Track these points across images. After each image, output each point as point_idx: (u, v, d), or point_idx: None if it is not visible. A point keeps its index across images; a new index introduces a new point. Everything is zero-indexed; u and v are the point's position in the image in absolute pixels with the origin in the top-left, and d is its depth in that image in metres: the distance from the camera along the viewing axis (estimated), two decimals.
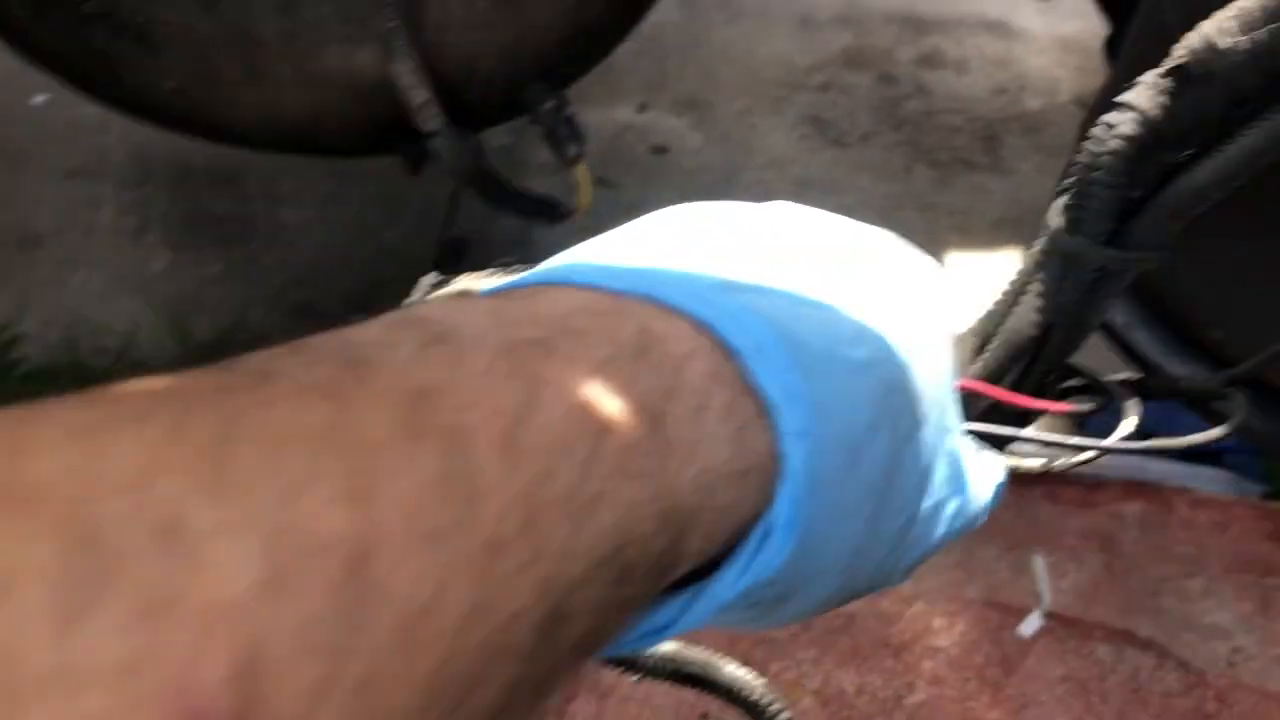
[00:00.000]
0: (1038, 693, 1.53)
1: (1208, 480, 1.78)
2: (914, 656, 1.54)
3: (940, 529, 0.43)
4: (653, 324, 0.32)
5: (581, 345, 0.29)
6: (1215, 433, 0.52)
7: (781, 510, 0.32)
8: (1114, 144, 0.48)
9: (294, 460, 0.21)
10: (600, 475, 0.26)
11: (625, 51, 2.13)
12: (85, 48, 1.19)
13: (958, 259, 2.10)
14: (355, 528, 0.21)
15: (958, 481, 0.43)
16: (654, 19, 2.25)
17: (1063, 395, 0.57)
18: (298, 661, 0.19)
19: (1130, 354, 1.02)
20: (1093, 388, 0.55)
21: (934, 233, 2.08)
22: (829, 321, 0.36)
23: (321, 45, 1.16)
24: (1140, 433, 1.34)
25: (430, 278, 0.53)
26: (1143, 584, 1.62)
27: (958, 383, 0.50)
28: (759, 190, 2.10)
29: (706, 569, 0.33)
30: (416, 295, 0.53)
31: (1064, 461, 0.50)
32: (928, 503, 0.40)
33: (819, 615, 0.39)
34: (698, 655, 0.70)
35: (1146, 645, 1.57)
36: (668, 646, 0.70)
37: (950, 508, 0.43)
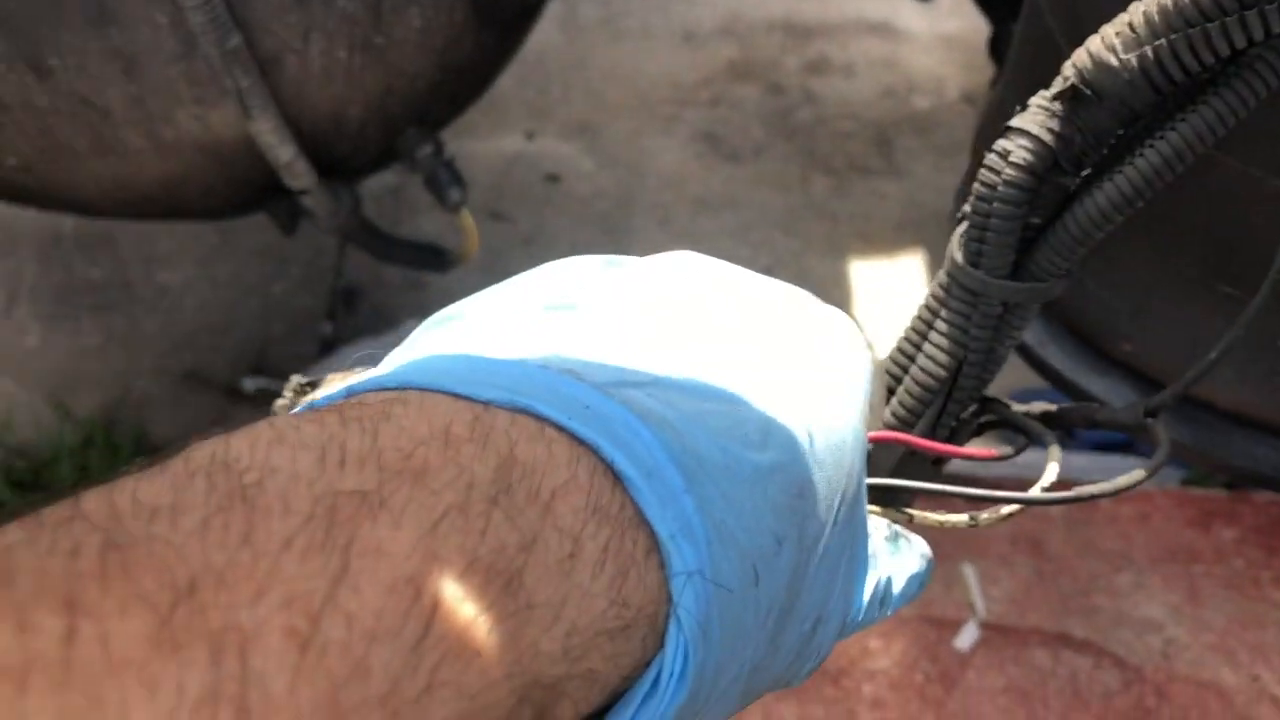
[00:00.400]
0: (980, 705, 1.50)
1: (1126, 470, 1.77)
2: (853, 681, 1.50)
3: (846, 627, 0.39)
4: (521, 450, 0.28)
5: (420, 493, 0.25)
6: (1138, 474, 0.50)
7: (670, 661, 0.30)
8: (1009, 173, 0.46)
9: None
10: (431, 664, 0.23)
11: (508, 78, 2.08)
12: None
13: (861, 266, 2.08)
14: None
15: (863, 573, 0.40)
16: (534, 43, 2.20)
17: (980, 430, 0.55)
18: None
19: (1044, 370, 0.99)
20: (1010, 425, 0.54)
21: (835, 241, 2.06)
22: (732, 418, 0.33)
23: (172, 109, 1.09)
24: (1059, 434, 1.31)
25: (297, 378, 0.48)
26: (1074, 584, 1.61)
27: (872, 434, 0.47)
28: (657, 212, 2.06)
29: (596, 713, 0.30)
30: (282, 401, 0.47)
31: (990, 515, 0.48)
32: (834, 604, 0.37)
33: None
34: None
35: (1083, 646, 1.55)
36: None
37: (863, 599, 0.40)
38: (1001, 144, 0.46)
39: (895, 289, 2.04)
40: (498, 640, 0.25)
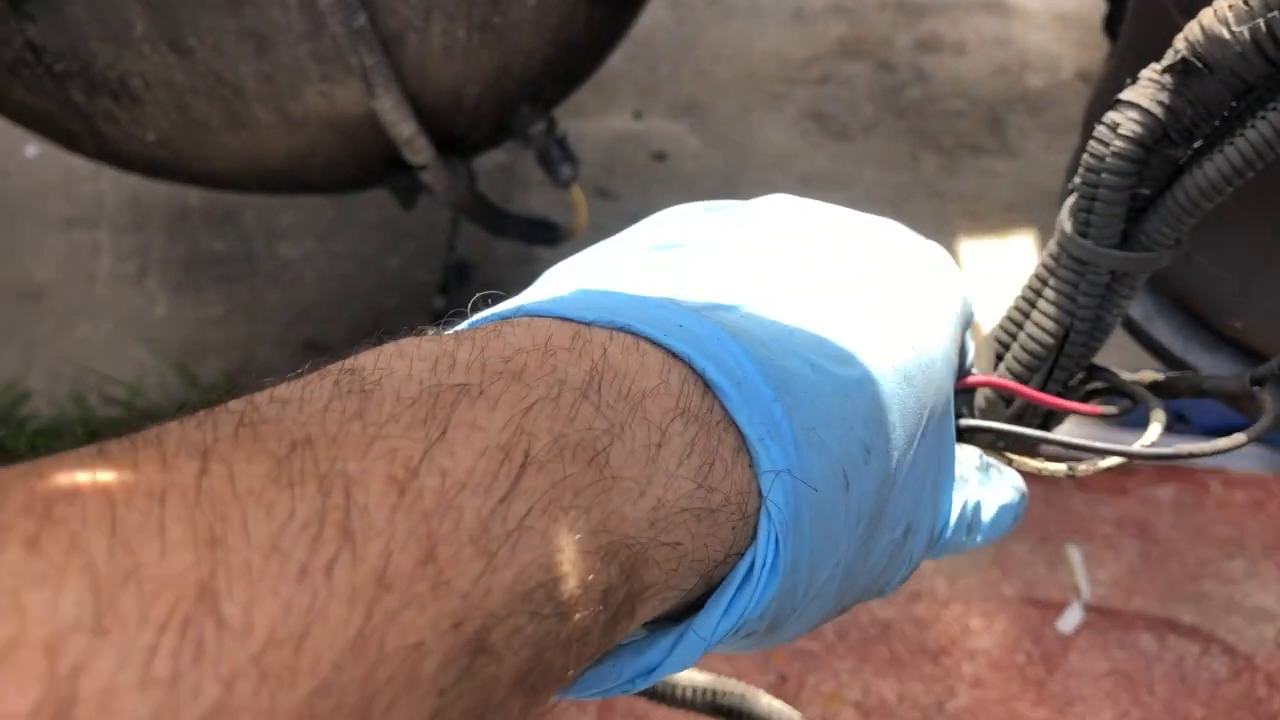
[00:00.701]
0: (1082, 688, 1.49)
1: (1241, 457, 1.74)
2: (954, 660, 1.50)
3: (935, 542, 0.41)
4: (614, 358, 0.31)
5: (515, 387, 0.29)
6: (1239, 438, 0.50)
7: (763, 550, 0.32)
8: (1118, 145, 0.47)
9: (133, 513, 0.22)
10: (519, 514, 0.26)
11: (617, 58, 2.10)
12: (63, 106, 1.17)
13: (970, 246, 2.06)
14: (199, 570, 0.22)
15: (949, 486, 0.41)
16: (644, 22, 2.22)
17: (1088, 398, 0.55)
18: (122, 693, 0.20)
19: (1151, 346, 0.99)
20: (1118, 390, 0.54)
21: (944, 221, 2.04)
22: (822, 336, 0.35)
23: (300, 86, 1.13)
24: (1171, 419, 1.30)
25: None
26: (1182, 569, 1.59)
27: (988, 379, 0.50)
28: (763, 190, 2.06)
29: (697, 603, 0.33)
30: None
31: (1088, 465, 0.48)
32: (922, 513, 0.39)
33: (813, 630, 0.38)
34: (736, 687, 0.68)
35: (1190, 632, 1.53)
36: (704, 677, 0.68)
37: (950, 514, 0.41)
38: (1111, 116, 0.47)
39: (1006, 269, 2.02)
40: (583, 501, 0.27)
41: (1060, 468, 0.48)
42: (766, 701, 0.68)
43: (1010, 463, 0.48)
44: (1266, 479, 1.70)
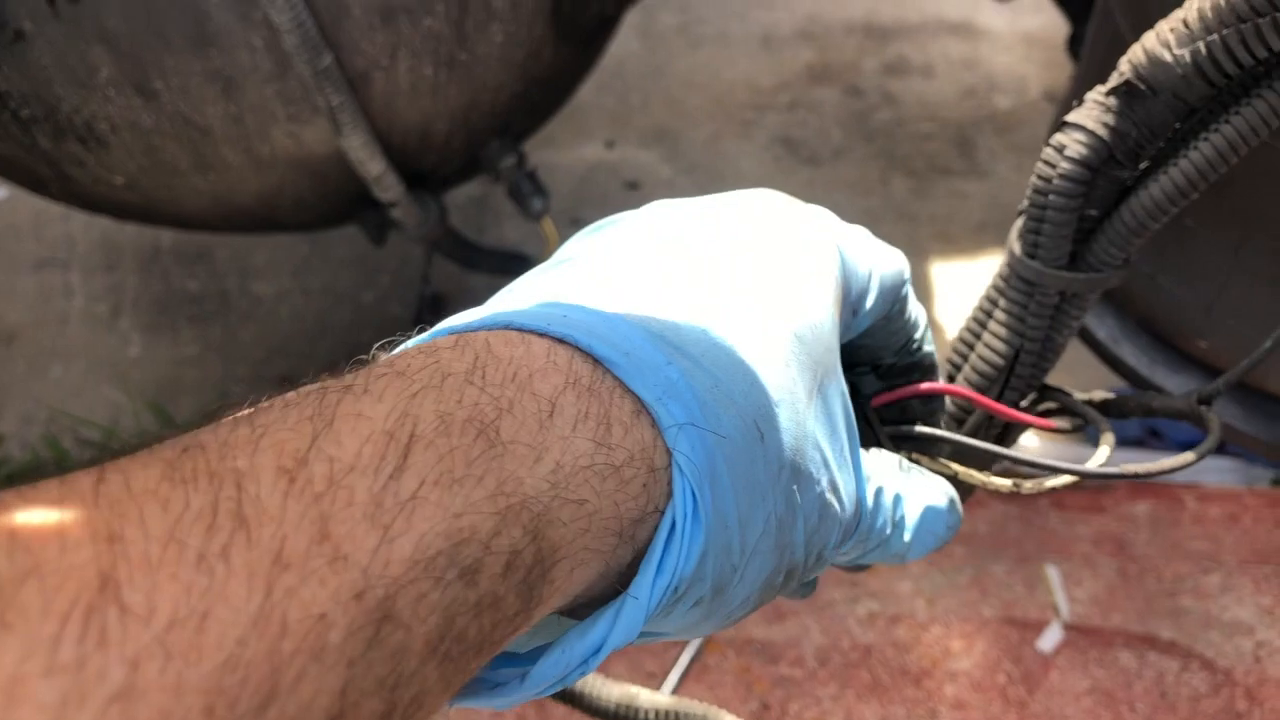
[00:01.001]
0: (1064, 707, 1.50)
1: (1215, 470, 1.75)
2: (935, 683, 1.50)
3: (863, 514, 0.41)
4: (498, 349, 0.32)
5: (398, 381, 0.30)
6: (1188, 457, 0.50)
7: (681, 503, 0.32)
8: (1064, 166, 0.47)
9: (32, 520, 0.23)
10: (411, 488, 0.27)
11: (588, 88, 2.11)
12: (29, 151, 1.17)
13: (943, 267, 2.08)
14: (99, 563, 0.23)
15: (854, 447, 0.41)
16: (614, 53, 2.23)
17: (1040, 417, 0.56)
18: (29, 681, 0.21)
19: (1117, 367, 1.00)
20: (1069, 410, 0.54)
21: (916, 242, 2.06)
22: (706, 310, 0.36)
23: (268, 126, 1.14)
24: (1137, 437, 1.31)
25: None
26: (1159, 585, 1.59)
27: (946, 386, 0.50)
28: None
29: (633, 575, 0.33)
30: None
31: (1034, 484, 0.48)
32: (844, 474, 0.39)
33: (769, 599, 0.38)
34: (698, 708, 0.68)
35: (1170, 648, 1.54)
36: (667, 699, 0.67)
37: (862, 481, 0.42)
38: (1057, 138, 0.47)
39: (978, 290, 2.03)
40: (476, 470, 0.28)
41: (1005, 483, 0.48)
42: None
43: (955, 474, 0.47)
44: (1240, 493, 1.71)
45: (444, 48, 1.16)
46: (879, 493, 0.42)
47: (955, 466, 0.47)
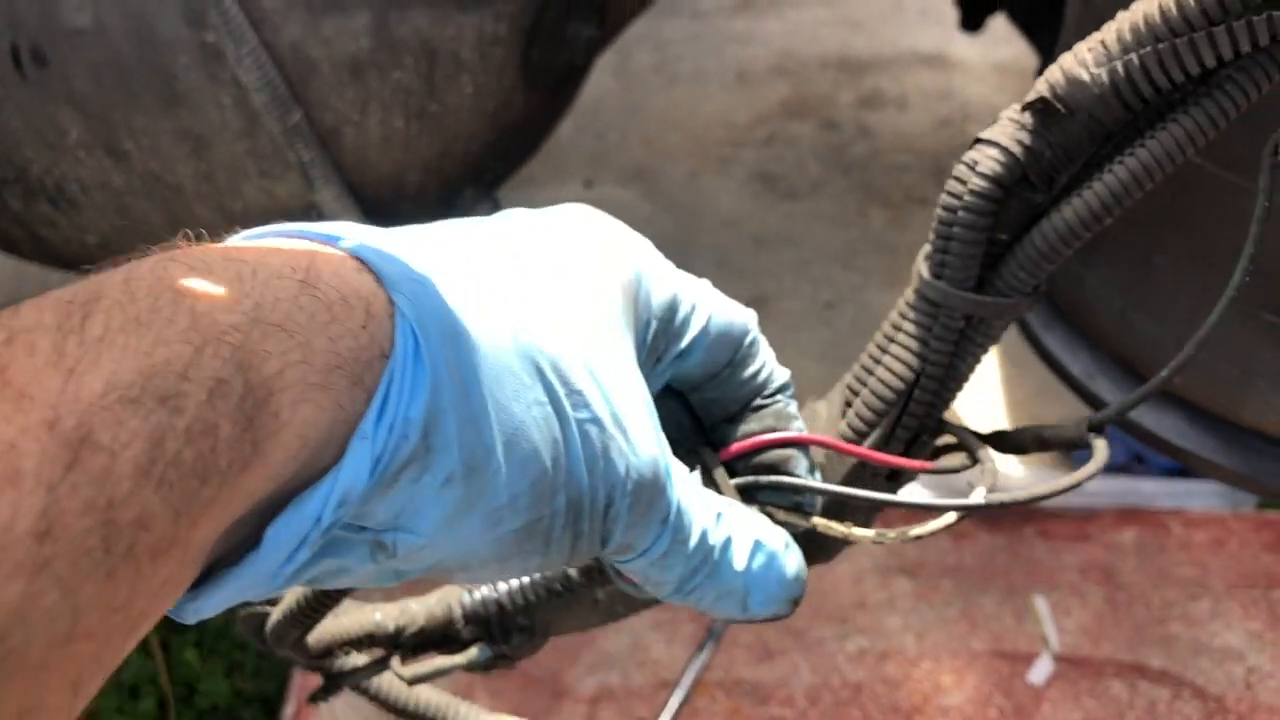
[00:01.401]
0: None
1: (1200, 495, 1.75)
2: (926, 719, 1.50)
3: (673, 509, 0.41)
4: (205, 249, 0.33)
5: (99, 273, 0.31)
6: (1076, 477, 0.49)
7: (401, 345, 0.33)
8: (976, 182, 0.45)
9: None
10: (96, 333, 0.28)
11: (566, 128, 2.12)
12: (1, 212, 1.17)
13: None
14: None
15: (657, 427, 0.41)
16: (591, 92, 2.24)
17: (937, 454, 0.53)
18: None
19: (1092, 402, 1.00)
20: (958, 445, 0.51)
21: (896, 273, 2.07)
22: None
23: (240, 183, 1.14)
24: (1123, 463, 1.30)
25: None
26: (1148, 613, 1.59)
27: (805, 436, 0.47)
28: (716, 253, 2.09)
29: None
30: None
31: (899, 533, 0.46)
32: (626, 405, 0.39)
33: (567, 548, 0.38)
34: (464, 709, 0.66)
35: (1160, 676, 1.53)
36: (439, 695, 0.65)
37: (682, 492, 0.42)
38: (970, 155, 0.46)
39: None
40: (164, 313, 0.29)
41: (868, 533, 0.46)
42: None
43: (814, 526, 0.46)
44: (1226, 518, 1.71)
45: (414, 100, 1.16)
46: (699, 499, 0.42)
47: (816, 520, 0.46)
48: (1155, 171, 0.44)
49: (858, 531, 0.46)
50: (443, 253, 0.37)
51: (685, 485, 0.42)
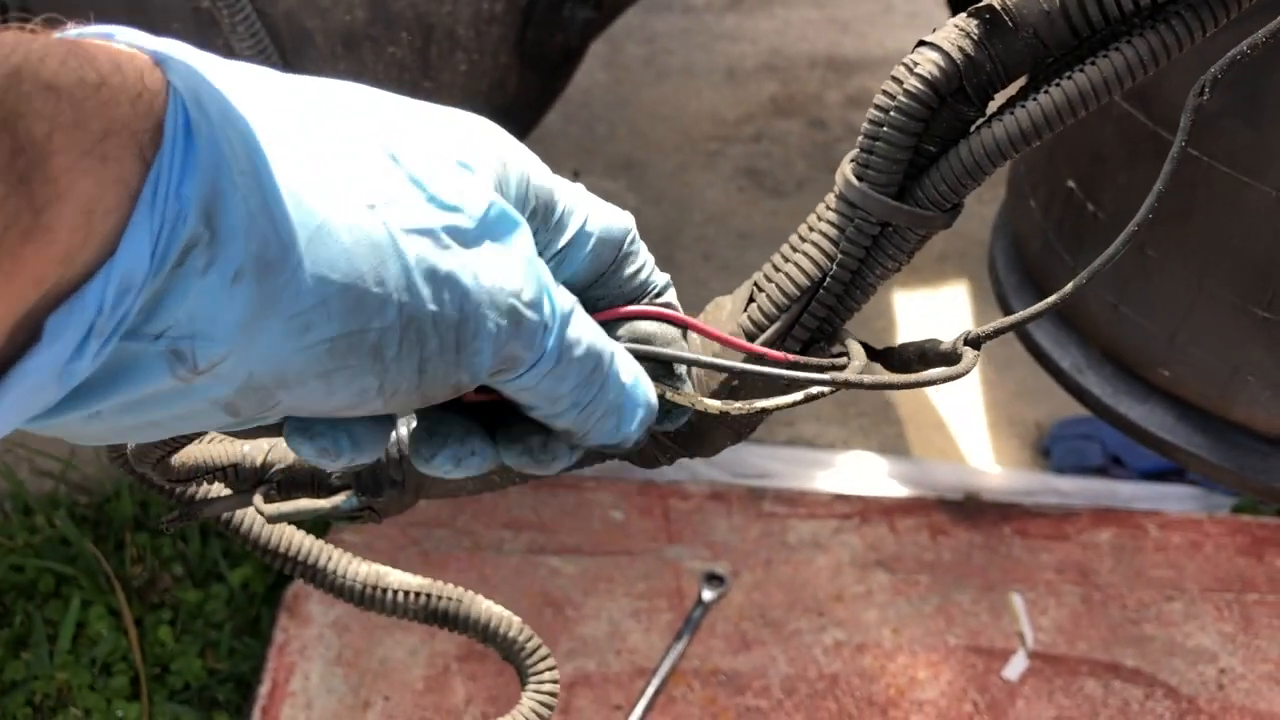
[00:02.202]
0: None
1: (1177, 498, 1.76)
2: (901, 712, 1.50)
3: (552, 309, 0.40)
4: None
5: None
6: (928, 376, 0.48)
7: (171, 117, 0.32)
8: (912, 83, 0.45)
9: None
10: None
11: (554, 118, 2.12)
12: None
13: (904, 297, 2.09)
14: None
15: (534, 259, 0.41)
16: (580, 83, 2.24)
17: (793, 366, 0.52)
18: None
19: (1082, 396, 1.00)
20: (832, 339, 0.51)
21: None
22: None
23: None
24: (1099, 464, 1.30)
25: None
26: (1123, 613, 1.60)
27: (688, 319, 0.48)
28: (701, 246, 2.09)
29: None
30: None
31: (744, 404, 0.47)
32: (477, 230, 0.38)
33: (402, 370, 0.37)
34: (453, 592, 0.65)
35: (1134, 676, 1.54)
36: (418, 580, 0.64)
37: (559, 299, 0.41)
38: (910, 56, 0.46)
39: (939, 319, 2.04)
40: None
41: (715, 404, 0.47)
42: (486, 606, 0.65)
43: (663, 394, 0.47)
44: (1202, 520, 1.72)
45: (408, 76, 1.16)
46: (582, 315, 0.42)
47: (663, 386, 0.46)
48: (1090, 98, 0.44)
49: (705, 401, 0.46)
50: (255, 69, 0.36)
51: (566, 297, 0.42)
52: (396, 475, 0.52)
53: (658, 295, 0.47)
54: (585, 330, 0.42)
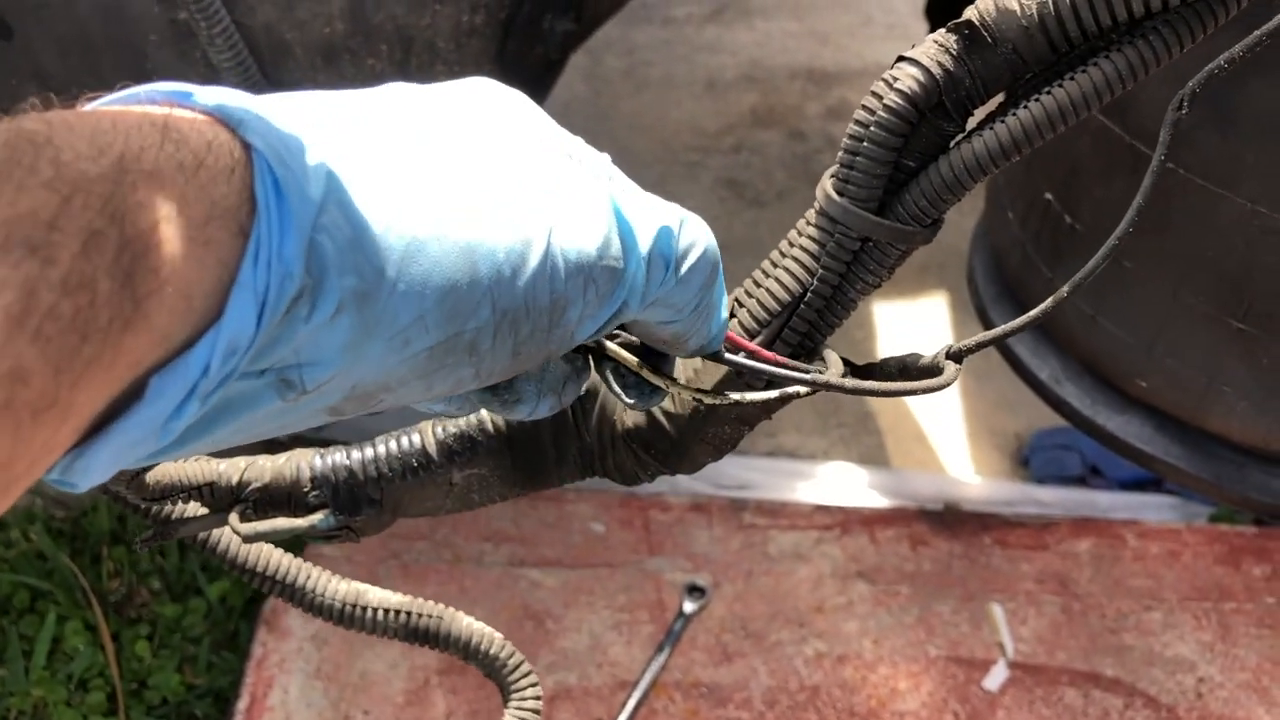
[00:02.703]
0: None
1: (1155, 508, 1.77)
2: None
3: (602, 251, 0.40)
4: (102, 109, 0.33)
5: None
6: (907, 385, 0.49)
7: (260, 180, 0.32)
8: (892, 98, 0.45)
9: None
10: None
11: None
12: None
13: (885, 308, 2.09)
14: None
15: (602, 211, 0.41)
16: (560, 95, 2.24)
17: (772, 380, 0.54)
18: None
19: (1060, 407, 1.01)
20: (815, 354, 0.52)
21: None
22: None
23: None
24: (1078, 474, 1.31)
25: None
26: (1102, 623, 1.61)
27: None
28: None
29: None
30: None
31: (721, 396, 0.48)
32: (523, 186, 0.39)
33: (496, 355, 0.38)
34: (431, 607, 0.65)
35: (1114, 685, 1.55)
36: (398, 598, 0.64)
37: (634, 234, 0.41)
38: (890, 71, 0.46)
39: (918, 329, 2.05)
40: (26, 163, 0.28)
41: (689, 389, 0.48)
42: (467, 623, 0.65)
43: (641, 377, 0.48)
44: (1180, 530, 1.73)
45: None
46: (686, 221, 0.43)
47: (646, 372, 0.47)
48: (1069, 113, 0.44)
49: (680, 384, 0.47)
50: (304, 96, 0.37)
51: (654, 216, 0.42)
52: (374, 494, 0.52)
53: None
54: (697, 228, 0.43)
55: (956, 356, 0.49)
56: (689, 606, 1.59)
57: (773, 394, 0.47)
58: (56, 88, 1.04)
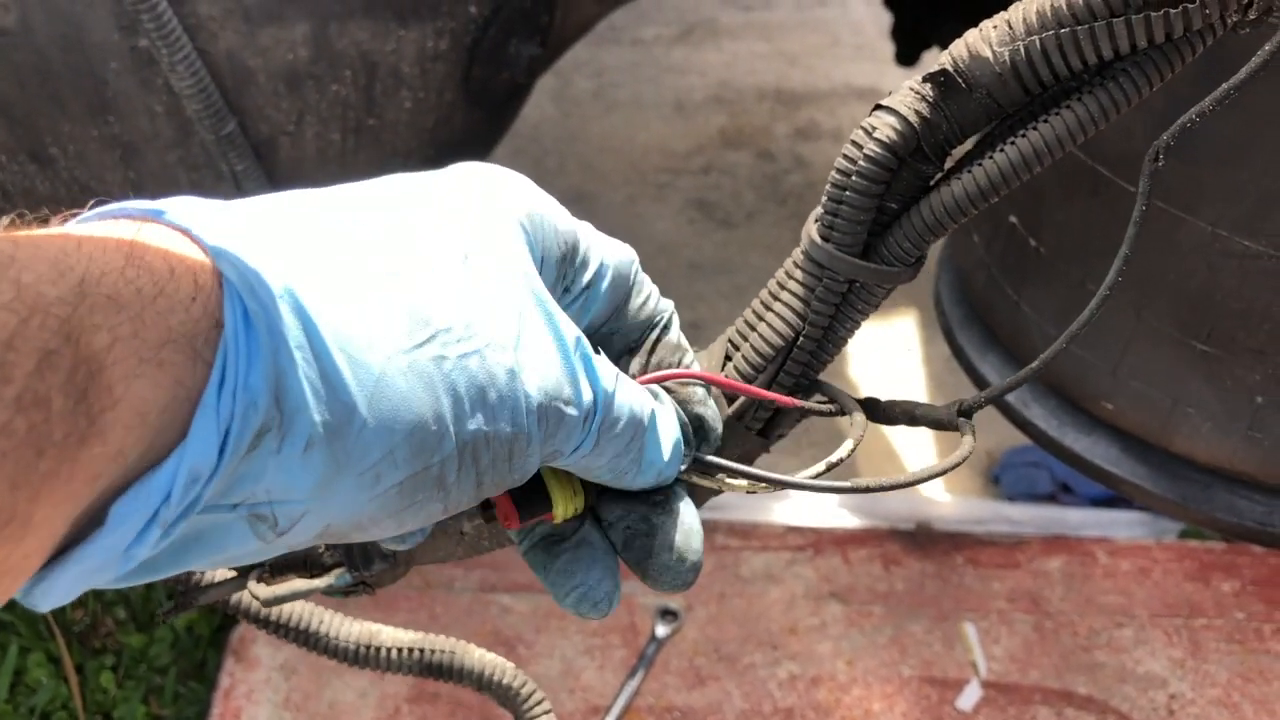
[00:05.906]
0: None
1: (1125, 524, 1.78)
2: None
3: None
4: (77, 229, 0.33)
5: None
6: (919, 473, 0.50)
7: (230, 311, 0.33)
8: (871, 148, 0.46)
9: None
10: None
11: (503, 152, 2.12)
12: None
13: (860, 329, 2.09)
14: None
15: (560, 348, 0.41)
16: (530, 117, 2.24)
17: (805, 414, 0.55)
18: None
19: (1027, 429, 1.01)
20: (830, 401, 0.54)
21: None
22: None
23: (170, 192, 1.11)
24: (1048, 492, 1.32)
25: None
26: (1075, 641, 1.61)
27: (718, 378, 0.51)
28: (652, 278, 2.08)
29: None
30: None
31: (768, 485, 0.49)
32: (545, 341, 0.40)
33: (470, 490, 0.38)
34: (444, 642, 0.66)
35: (1086, 703, 1.55)
36: (410, 635, 0.65)
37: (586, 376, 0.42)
38: (868, 120, 0.47)
39: (889, 347, 2.06)
40: None
41: (742, 484, 0.49)
42: (479, 655, 0.67)
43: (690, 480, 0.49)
44: (1150, 547, 1.74)
45: (352, 114, 1.15)
46: (627, 383, 0.43)
47: (694, 460, 0.49)
48: (1044, 155, 0.45)
49: (733, 483, 0.49)
50: (280, 212, 0.37)
51: (608, 371, 0.42)
52: (387, 550, 0.53)
53: (665, 326, 0.49)
54: (628, 399, 0.43)
55: (968, 412, 0.50)
56: (661, 630, 1.58)
57: (819, 468, 0.50)
58: (17, 116, 1.03)
